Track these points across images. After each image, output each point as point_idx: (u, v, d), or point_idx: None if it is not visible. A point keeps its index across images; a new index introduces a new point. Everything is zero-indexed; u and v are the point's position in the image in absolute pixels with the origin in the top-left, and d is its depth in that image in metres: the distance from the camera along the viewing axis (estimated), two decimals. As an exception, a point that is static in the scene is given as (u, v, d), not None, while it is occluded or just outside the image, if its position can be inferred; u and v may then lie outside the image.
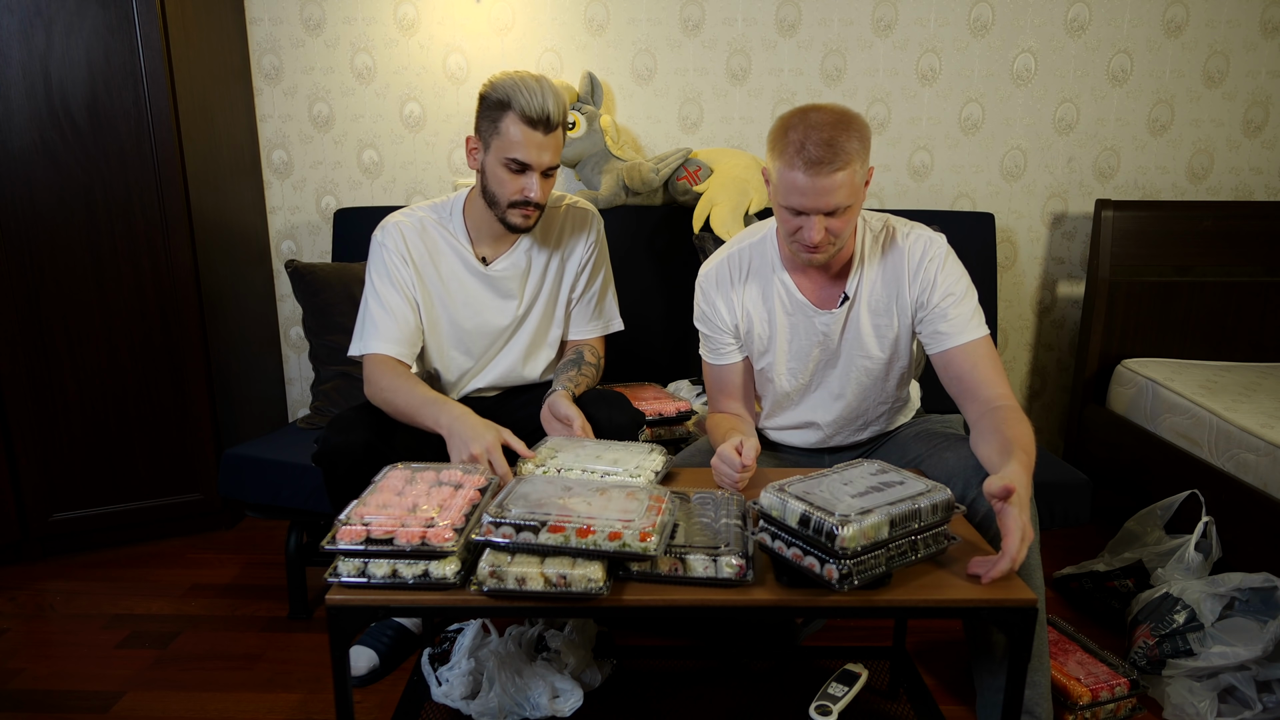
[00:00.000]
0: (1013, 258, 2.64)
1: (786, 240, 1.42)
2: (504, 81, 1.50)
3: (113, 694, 1.67)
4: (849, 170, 1.30)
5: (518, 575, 1.04)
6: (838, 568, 1.01)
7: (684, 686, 1.67)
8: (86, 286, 2.11)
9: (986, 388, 1.41)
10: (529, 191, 1.53)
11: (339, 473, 1.51)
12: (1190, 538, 1.83)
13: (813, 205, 1.32)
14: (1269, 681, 1.58)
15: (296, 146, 2.52)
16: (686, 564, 1.08)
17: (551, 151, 1.53)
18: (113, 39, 2.01)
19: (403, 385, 1.54)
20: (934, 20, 2.44)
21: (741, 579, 1.07)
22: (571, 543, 1.04)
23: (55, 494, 2.18)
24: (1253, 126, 2.54)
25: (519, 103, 1.47)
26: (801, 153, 1.30)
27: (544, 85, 1.49)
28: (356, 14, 2.42)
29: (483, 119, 1.54)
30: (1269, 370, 2.37)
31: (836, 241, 1.38)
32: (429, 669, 1.59)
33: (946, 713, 1.60)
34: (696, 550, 1.09)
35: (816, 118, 1.32)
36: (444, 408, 1.47)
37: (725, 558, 1.08)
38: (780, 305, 1.53)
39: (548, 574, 1.04)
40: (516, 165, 1.51)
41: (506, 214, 1.56)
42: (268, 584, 2.09)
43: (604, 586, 1.04)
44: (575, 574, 1.04)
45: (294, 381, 2.71)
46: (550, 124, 1.50)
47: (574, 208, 1.73)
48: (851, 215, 1.37)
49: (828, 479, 1.16)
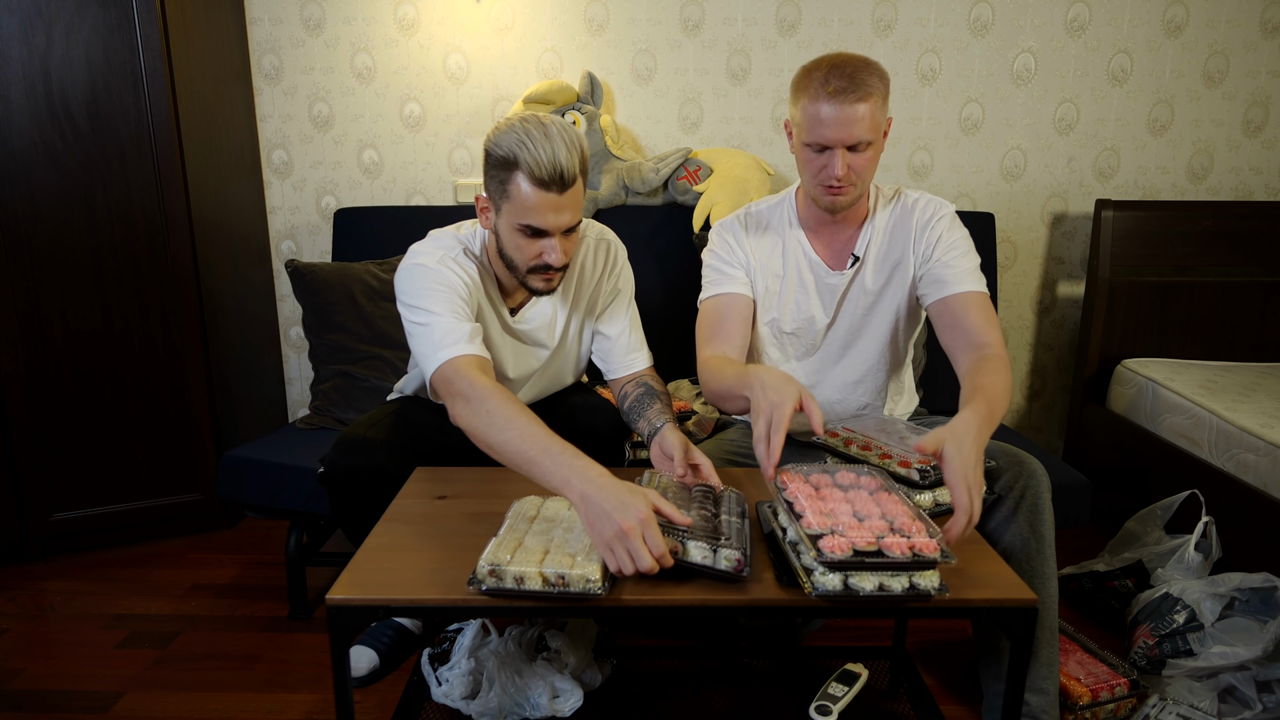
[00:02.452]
0: (1013, 258, 2.64)
1: (810, 182, 1.46)
2: (507, 134, 1.32)
3: (113, 694, 1.67)
4: (871, 102, 1.35)
5: (516, 575, 1.04)
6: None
7: (684, 686, 1.67)
8: (86, 286, 2.11)
9: (978, 335, 1.42)
10: (548, 256, 1.38)
11: (347, 495, 1.49)
12: (1190, 538, 1.83)
13: (836, 136, 1.37)
14: (1269, 681, 1.58)
15: (296, 146, 2.52)
16: (686, 549, 1.08)
17: (571, 211, 1.36)
18: (113, 39, 2.01)
19: (514, 417, 1.20)
20: (934, 20, 2.44)
21: (739, 574, 1.08)
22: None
23: (55, 494, 2.18)
24: (1253, 126, 2.54)
25: (526, 161, 1.30)
26: (826, 84, 1.35)
27: (552, 134, 1.31)
28: (356, 14, 2.42)
29: (490, 178, 1.38)
30: (1269, 370, 2.37)
31: (858, 183, 1.43)
32: (429, 669, 1.59)
33: (946, 713, 1.60)
34: (698, 537, 1.09)
35: (837, 58, 1.38)
36: (575, 466, 1.12)
37: (725, 550, 1.08)
38: (794, 263, 1.57)
39: (546, 574, 1.04)
40: (532, 231, 1.36)
41: (528, 279, 1.44)
42: (268, 584, 2.09)
43: (602, 587, 1.04)
44: (574, 574, 1.04)
45: (294, 381, 2.71)
46: (565, 181, 1.32)
47: (599, 240, 1.62)
48: (873, 155, 1.42)
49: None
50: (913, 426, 1.47)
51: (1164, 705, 1.56)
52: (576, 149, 1.32)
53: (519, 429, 1.18)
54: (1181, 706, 1.55)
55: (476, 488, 1.42)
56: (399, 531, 1.25)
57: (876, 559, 1.01)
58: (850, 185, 1.42)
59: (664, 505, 1.09)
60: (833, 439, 1.44)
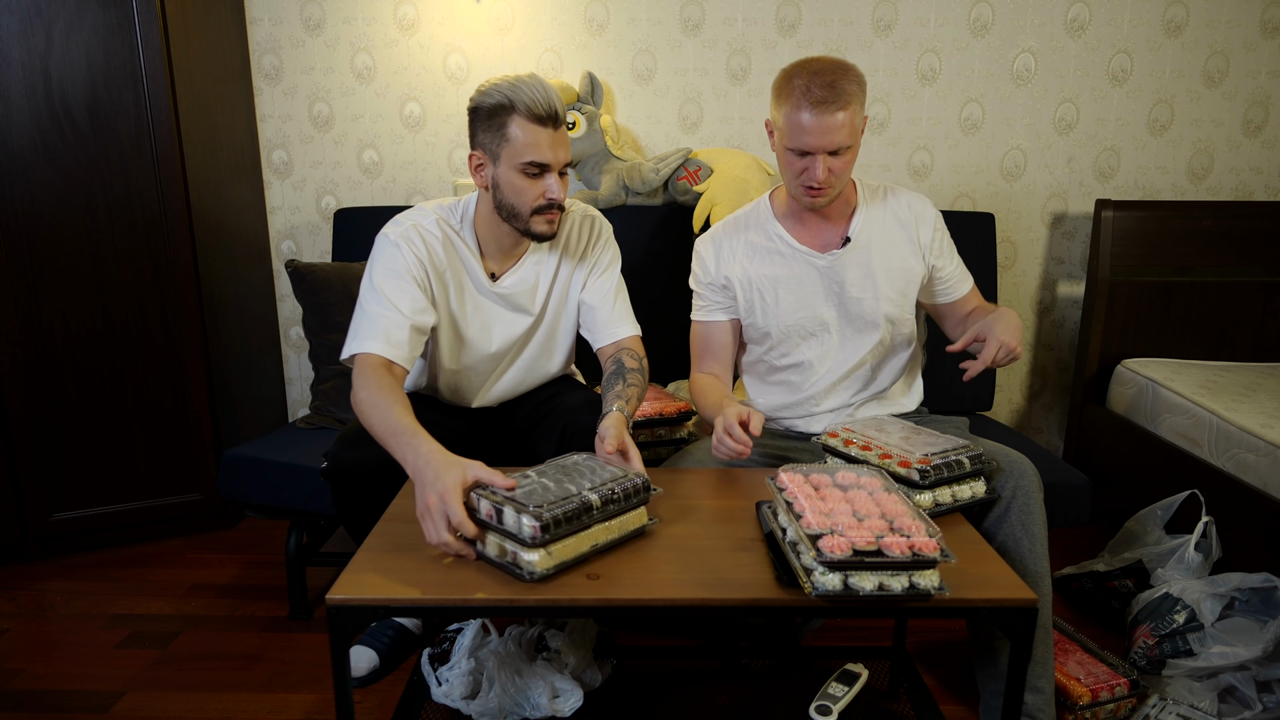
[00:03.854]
0: (1013, 258, 2.64)
1: (791, 185, 1.53)
2: (498, 85, 1.42)
3: (113, 694, 1.67)
4: (850, 110, 1.43)
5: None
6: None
7: (684, 686, 1.67)
8: (86, 286, 2.11)
9: (975, 314, 1.64)
10: (551, 193, 1.46)
11: (350, 490, 1.49)
12: (1190, 538, 1.83)
13: (818, 144, 1.43)
14: (1269, 681, 1.58)
15: (296, 146, 2.52)
16: (501, 516, 1.12)
17: (564, 148, 1.47)
18: (113, 39, 2.01)
19: (381, 401, 1.33)
20: (934, 20, 2.44)
21: (535, 540, 1.09)
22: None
23: (55, 494, 2.18)
24: (1253, 126, 2.54)
25: (523, 102, 1.40)
26: (807, 94, 1.42)
27: (538, 79, 1.43)
28: (356, 14, 2.42)
29: (483, 130, 1.45)
30: (1269, 370, 2.37)
31: (837, 184, 1.50)
32: (429, 669, 1.59)
33: (946, 713, 1.60)
34: (518, 506, 1.11)
35: (817, 65, 1.45)
36: (413, 443, 1.24)
37: (526, 517, 1.09)
38: (779, 256, 1.62)
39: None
40: (535, 168, 1.44)
41: (531, 224, 1.49)
42: (268, 584, 2.09)
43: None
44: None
45: (294, 381, 2.71)
46: (558, 119, 1.44)
47: (583, 215, 1.68)
48: (851, 156, 1.49)
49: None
50: (912, 426, 1.47)
51: (1164, 705, 1.56)
52: (559, 96, 1.44)
53: (382, 411, 1.31)
54: (1181, 706, 1.55)
55: (476, 488, 1.43)
56: (399, 531, 1.25)
57: (876, 558, 1.01)
58: (830, 187, 1.49)
59: (485, 474, 1.17)
60: (832, 439, 1.44)
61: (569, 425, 1.58)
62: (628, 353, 1.63)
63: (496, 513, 1.11)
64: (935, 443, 1.37)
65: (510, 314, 1.63)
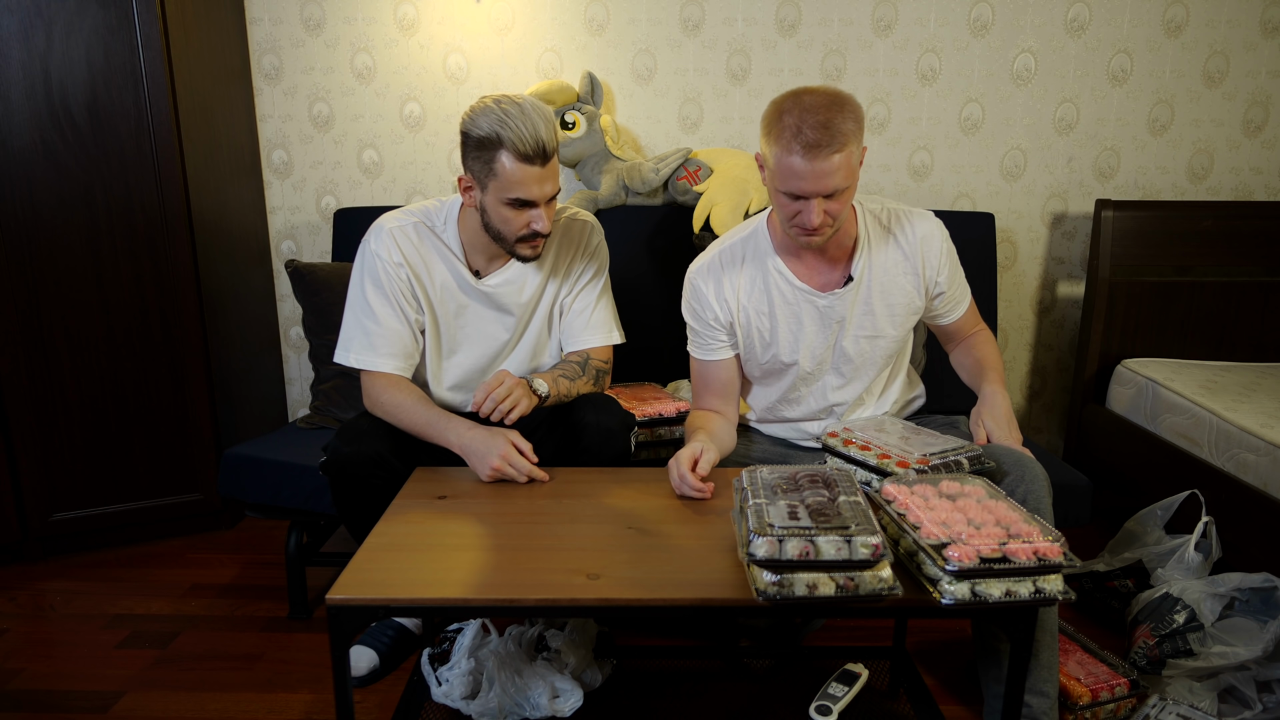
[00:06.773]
0: (1013, 258, 2.64)
1: (785, 225, 1.43)
2: (487, 114, 1.40)
3: (113, 694, 1.67)
4: (845, 152, 1.32)
5: (809, 582, 1.03)
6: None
7: (684, 686, 1.67)
8: (86, 286, 2.11)
9: (969, 329, 1.67)
10: (536, 225, 1.48)
11: (348, 483, 1.50)
12: (1190, 538, 1.83)
13: (811, 189, 1.34)
14: (1269, 681, 1.58)
15: (296, 146, 2.52)
16: (817, 548, 1.02)
17: (552, 180, 1.46)
18: (113, 39, 2.01)
19: (406, 402, 1.53)
20: (934, 20, 2.44)
21: (878, 558, 1.02)
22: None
23: (55, 494, 2.18)
24: (1253, 126, 2.54)
25: (510, 139, 1.39)
26: (798, 137, 1.31)
27: (528, 111, 1.40)
28: (356, 14, 2.42)
29: (472, 159, 1.45)
30: (1269, 370, 2.37)
31: (834, 223, 1.40)
32: (429, 669, 1.59)
33: (946, 713, 1.60)
34: (826, 532, 1.03)
35: (810, 100, 1.33)
36: (451, 425, 1.47)
37: (860, 538, 1.02)
38: (779, 293, 1.55)
39: (837, 579, 1.03)
40: (520, 204, 1.45)
41: (515, 248, 1.52)
42: (268, 584, 2.09)
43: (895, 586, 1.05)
44: (865, 576, 1.03)
45: (294, 381, 2.71)
46: (546, 154, 1.42)
47: (574, 220, 1.68)
48: (848, 196, 1.39)
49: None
50: (912, 426, 1.47)
51: (1164, 705, 1.56)
52: (551, 123, 1.43)
53: (410, 408, 1.52)
54: (1181, 706, 1.55)
55: (477, 488, 1.43)
56: (399, 531, 1.25)
57: (1003, 565, 1.02)
58: (827, 227, 1.40)
59: (517, 438, 1.43)
60: (832, 439, 1.44)
61: (569, 425, 1.58)
62: (594, 358, 1.68)
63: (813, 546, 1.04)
64: (934, 443, 1.37)
65: (494, 314, 1.64)
